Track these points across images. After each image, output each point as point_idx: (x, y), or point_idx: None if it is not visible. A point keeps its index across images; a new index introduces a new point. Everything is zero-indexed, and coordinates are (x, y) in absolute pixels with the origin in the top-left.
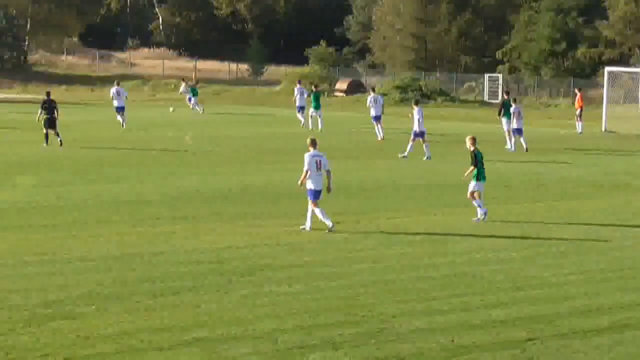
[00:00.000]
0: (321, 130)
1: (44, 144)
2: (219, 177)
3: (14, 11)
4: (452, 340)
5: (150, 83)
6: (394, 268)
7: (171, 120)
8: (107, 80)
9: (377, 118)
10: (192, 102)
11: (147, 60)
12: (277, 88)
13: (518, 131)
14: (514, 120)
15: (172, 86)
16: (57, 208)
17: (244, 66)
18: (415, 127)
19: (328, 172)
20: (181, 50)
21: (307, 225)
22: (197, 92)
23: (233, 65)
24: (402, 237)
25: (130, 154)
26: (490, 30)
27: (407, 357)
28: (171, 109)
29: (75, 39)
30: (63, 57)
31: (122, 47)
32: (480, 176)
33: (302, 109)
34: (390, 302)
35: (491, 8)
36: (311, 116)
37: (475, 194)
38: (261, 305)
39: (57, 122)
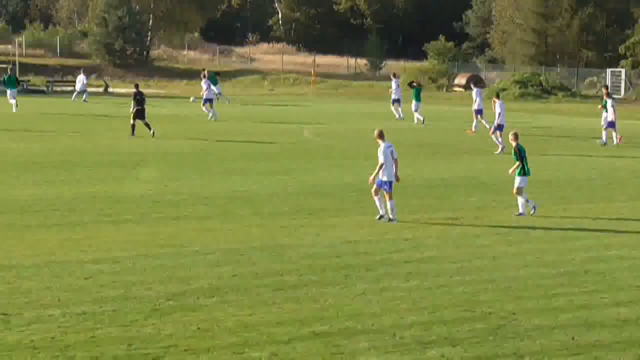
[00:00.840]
0: (423, 124)
1: (131, 135)
2: (339, 171)
3: (137, 7)
4: (573, 338)
5: (269, 78)
6: (513, 264)
7: (289, 115)
8: (227, 75)
9: (479, 112)
10: (216, 91)
11: (266, 55)
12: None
13: (611, 124)
14: (609, 114)
15: (291, 81)
16: (180, 201)
17: (362, 61)
18: (497, 120)
19: (396, 161)
20: (300, 45)
21: (392, 214)
22: (216, 80)
23: (352, 60)
24: (521, 233)
25: (250, 148)
26: (612, 24)
27: (527, 355)
28: (192, 99)
29: (196, 34)
30: (184, 52)
31: (242, 42)
32: (524, 171)
33: (397, 101)
34: (510, 299)
35: (614, 2)
36: (414, 111)
37: (519, 190)
38: (380, 300)
39: (146, 113)
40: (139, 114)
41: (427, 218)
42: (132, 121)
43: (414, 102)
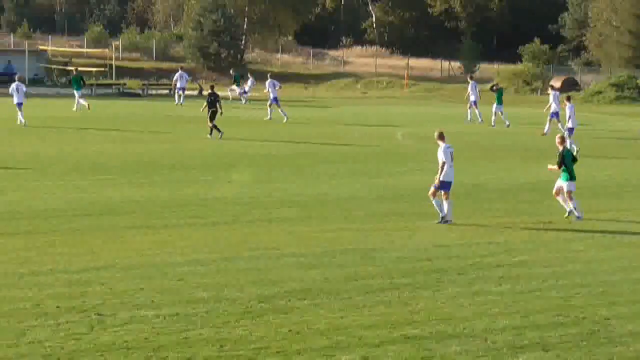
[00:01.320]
0: (508, 126)
1: (208, 136)
2: (431, 175)
3: (232, 11)
4: None
5: (362, 81)
6: (607, 269)
7: (382, 118)
8: (320, 78)
9: (555, 114)
10: (239, 90)
11: (359, 58)
12: (488, 86)
13: None
14: None
15: (384, 84)
16: (271, 204)
17: (456, 64)
18: (569, 124)
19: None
20: (393, 48)
21: (447, 215)
22: (239, 78)
23: (445, 63)
24: (618, 238)
25: (341, 151)
26: None
27: None
28: (238, 92)
29: (290, 38)
30: (278, 56)
31: (335, 46)
32: (572, 176)
33: (474, 103)
34: (604, 304)
35: None
36: (494, 113)
37: (569, 194)
38: (472, 303)
39: (217, 115)
40: (212, 116)
41: (519, 222)
42: (209, 123)
43: (495, 104)
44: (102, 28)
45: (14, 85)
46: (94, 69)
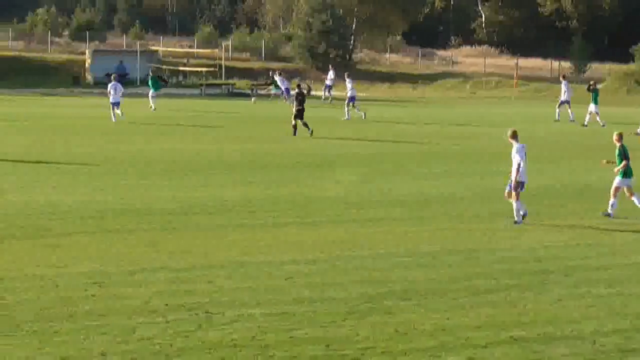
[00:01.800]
0: (604, 126)
1: (293, 135)
2: (538, 175)
3: (341, 11)
4: None
5: (471, 81)
6: None
7: (490, 118)
8: (429, 78)
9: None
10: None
11: (468, 58)
12: (599, 86)
13: None
14: None
15: (493, 84)
16: (374, 203)
17: (566, 64)
18: None
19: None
20: (503, 48)
21: (520, 218)
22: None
23: (555, 63)
24: None
25: (448, 150)
26: None
27: None
28: (253, 99)
29: (399, 38)
30: (386, 56)
31: (444, 45)
32: (627, 172)
33: (566, 103)
34: None
35: None
36: (589, 113)
37: (621, 190)
38: (579, 306)
39: (304, 113)
40: (299, 114)
41: (626, 223)
42: (293, 122)
43: (592, 104)
44: (212, 28)
45: (111, 85)
46: (203, 69)
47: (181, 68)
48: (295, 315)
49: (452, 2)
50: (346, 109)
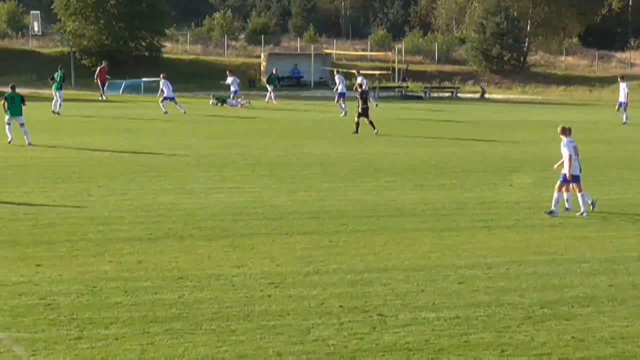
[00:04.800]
0: None
1: (355, 132)
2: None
3: (515, 13)
4: None
5: None
6: None
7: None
8: (605, 81)
9: None
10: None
11: None
12: None
13: None
14: None
15: None
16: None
17: None
18: None
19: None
20: None
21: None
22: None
23: None
24: None
25: (632, 155)
26: None
27: None
28: (373, 103)
29: (575, 40)
30: (562, 58)
31: (622, 47)
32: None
33: (624, 105)
34: None
35: None
36: None
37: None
38: None
39: (369, 112)
40: (364, 113)
41: None
42: (356, 119)
43: None
44: (385, 31)
45: (163, 83)
46: (376, 72)
47: (354, 71)
48: (469, 320)
49: (630, 3)
50: (343, 104)
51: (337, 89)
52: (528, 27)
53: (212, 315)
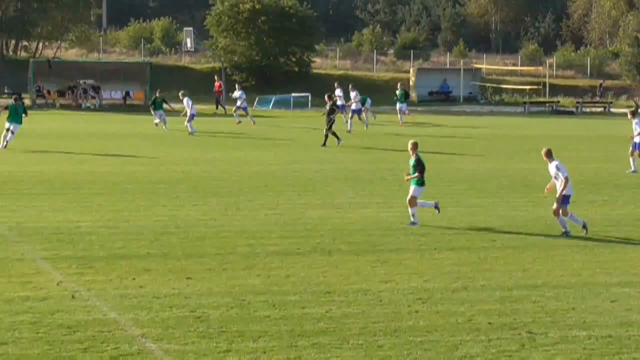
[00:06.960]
0: None
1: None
2: None
3: None
4: None
5: None
6: None
7: None
8: None
9: None
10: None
11: None
12: None
13: None
14: None
15: None
16: None
17: None
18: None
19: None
20: None
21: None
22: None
23: None
24: None
25: None
26: None
27: None
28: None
29: None
30: None
31: None
32: (422, 182)
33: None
34: None
35: None
36: None
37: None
38: None
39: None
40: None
41: None
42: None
43: None
44: (536, 45)
45: (186, 100)
46: (527, 87)
47: (504, 86)
48: (622, 339)
49: None
50: (350, 121)
51: (350, 105)
52: None
53: (359, 330)
